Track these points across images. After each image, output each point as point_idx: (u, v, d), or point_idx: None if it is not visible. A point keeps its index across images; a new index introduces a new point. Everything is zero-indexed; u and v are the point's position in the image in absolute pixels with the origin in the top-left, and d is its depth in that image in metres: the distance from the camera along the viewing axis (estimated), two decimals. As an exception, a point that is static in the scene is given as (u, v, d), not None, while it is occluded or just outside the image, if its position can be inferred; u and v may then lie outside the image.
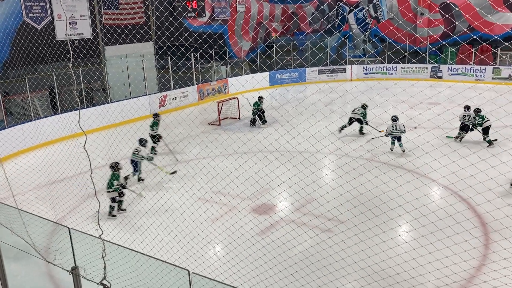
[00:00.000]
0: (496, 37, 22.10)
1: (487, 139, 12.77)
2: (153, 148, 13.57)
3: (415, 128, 12.41)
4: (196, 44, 20.63)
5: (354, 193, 8.46)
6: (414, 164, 9.82)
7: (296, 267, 6.56)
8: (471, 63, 24.00)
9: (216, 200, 9.26)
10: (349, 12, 28.45)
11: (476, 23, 23.87)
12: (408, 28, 26.19)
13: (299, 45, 27.10)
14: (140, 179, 11.34)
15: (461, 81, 23.32)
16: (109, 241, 4.77)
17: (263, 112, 16.55)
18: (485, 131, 12.84)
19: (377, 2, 27.39)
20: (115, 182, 9.17)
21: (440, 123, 14.00)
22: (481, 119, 12.91)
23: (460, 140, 13.15)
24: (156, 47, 21.00)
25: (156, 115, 13.97)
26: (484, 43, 22.40)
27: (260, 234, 7.95)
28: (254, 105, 16.48)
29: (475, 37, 22.04)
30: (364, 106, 14.48)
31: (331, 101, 18.58)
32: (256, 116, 16.45)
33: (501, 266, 6.03)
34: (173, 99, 19.83)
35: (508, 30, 23.06)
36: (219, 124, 16.81)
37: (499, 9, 23.80)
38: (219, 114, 16.85)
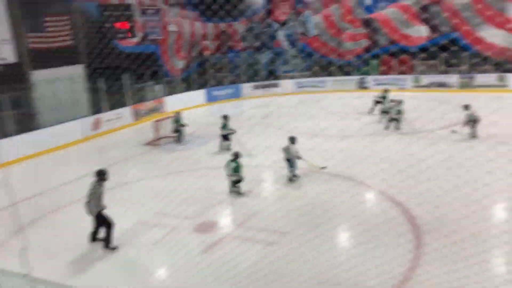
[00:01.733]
0: (414, 47, 23.72)
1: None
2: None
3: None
4: (128, 65, 20.37)
5: (296, 204, 8.69)
6: (350, 172, 10.28)
7: (245, 283, 6.57)
8: (392, 73, 25.61)
9: (156, 221, 8.98)
10: (278, 30, 29.35)
11: (397, 35, 25.54)
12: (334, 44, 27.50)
13: (232, 62, 27.56)
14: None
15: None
16: (37, 279, 4.57)
17: (183, 126, 16.39)
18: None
19: (304, 19, 28.49)
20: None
21: (369, 131, 14.83)
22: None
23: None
24: (87, 69, 20.47)
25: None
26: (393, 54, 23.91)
27: (205, 253, 7.98)
28: (174, 122, 16.38)
29: (395, 48, 23.54)
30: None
31: (267, 115, 19.09)
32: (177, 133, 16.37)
33: (433, 267, 6.47)
34: (107, 121, 19.38)
35: (424, 42, 24.85)
36: (157, 144, 16.65)
37: (414, 22, 25.59)
38: (156, 134, 16.70)
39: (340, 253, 7.24)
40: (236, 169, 9.97)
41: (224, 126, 14.60)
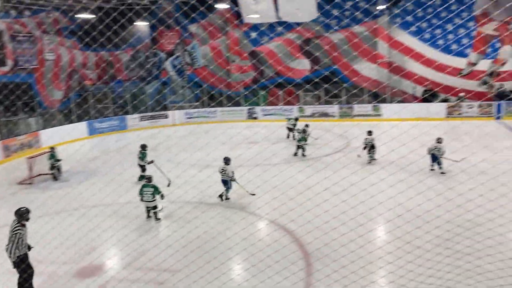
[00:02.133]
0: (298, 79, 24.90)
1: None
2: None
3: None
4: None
5: (188, 238, 8.23)
6: (241, 203, 10.09)
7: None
8: (280, 104, 26.54)
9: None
10: (166, 59, 28.96)
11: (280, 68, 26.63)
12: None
13: (117, 92, 26.36)
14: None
15: (274, 120, 25.49)
16: None
17: (59, 162, 15.14)
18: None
19: (192, 50, 28.50)
20: None
21: (260, 161, 14.92)
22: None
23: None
24: None
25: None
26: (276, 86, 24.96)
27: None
28: (49, 157, 15.03)
29: (280, 80, 24.40)
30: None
31: (155, 146, 18.35)
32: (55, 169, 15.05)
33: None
34: (-31, 158, 17.07)
35: (306, 74, 26.28)
36: (31, 183, 14.95)
37: (298, 55, 26.99)
38: (29, 171, 15.01)
39: (233, 287, 6.90)
40: (154, 193, 9.90)
41: (142, 156, 13.49)
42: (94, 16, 22.39)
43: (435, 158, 12.62)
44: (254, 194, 10.80)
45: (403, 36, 25.54)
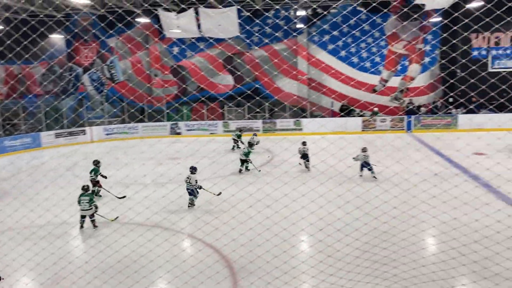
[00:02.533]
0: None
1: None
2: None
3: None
4: None
5: (110, 262, 7.83)
6: (169, 221, 9.80)
7: None
8: (204, 119, 26.43)
9: None
10: (83, 73, 27.77)
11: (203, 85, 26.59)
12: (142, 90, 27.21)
13: (29, 108, 24.74)
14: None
15: (198, 135, 25.31)
16: None
17: None
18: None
19: (111, 64, 27.60)
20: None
21: (180, 177, 14.68)
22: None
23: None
24: None
25: (97, 162, 12.99)
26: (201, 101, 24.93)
27: None
28: None
29: (204, 96, 24.35)
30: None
31: (73, 165, 17.40)
32: None
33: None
34: None
35: (230, 90, 26.49)
36: None
37: (221, 72, 27.14)
38: None
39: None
40: (90, 202, 10.19)
41: (95, 171, 12.83)
42: (2, 27, 20.96)
43: (364, 166, 13.74)
44: (220, 193, 11.12)
45: (321, 54, 26.68)
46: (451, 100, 24.97)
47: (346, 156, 13.27)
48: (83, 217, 10.36)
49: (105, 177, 12.75)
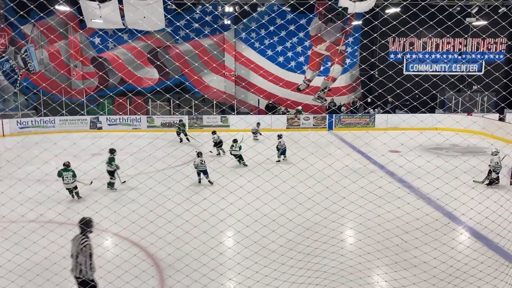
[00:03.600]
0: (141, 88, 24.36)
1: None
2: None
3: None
4: None
5: (29, 265, 7.32)
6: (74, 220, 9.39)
7: None
8: (126, 113, 25.58)
9: None
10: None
11: (129, 79, 25.74)
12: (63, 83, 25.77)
13: None
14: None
15: (121, 130, 24.45)
16: None
17: None
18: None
19: (25, 52, 25.81)
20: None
21: (104, 174, 14.15)
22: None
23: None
24: None
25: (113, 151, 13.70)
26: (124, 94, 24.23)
27: None
28: None
29: (126, 89, 23.62)
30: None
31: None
32: None
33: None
34: None
35: (153, 84, 25.90)
36: None
37: (145, 65, 26.45)
38: None
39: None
40: (73, 176, 11.99)
41: (110, 161, 13.40)
42: None
43: (282, 152, 16.48)
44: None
45: (247, 51, 26.95)
46: (369, 100, 26.39)
47: (272, 154, 13.56)
48: (69, 190, 12.03)
49: (118, 168, 13.45)
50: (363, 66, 26.37)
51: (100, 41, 26.66)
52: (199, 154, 13.66)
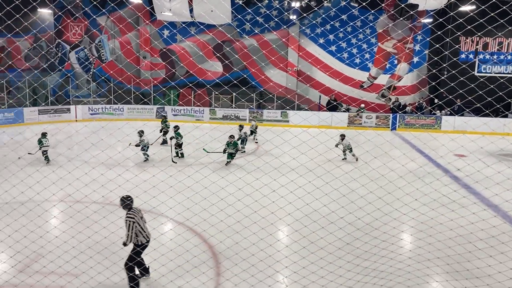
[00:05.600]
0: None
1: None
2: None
3: None
4: None
5: (89, 242, 7.84)
6: (150, 205, 9.83)
7: None
8: (190, 105, 26.33)
9: None
10: (71, 50, 27.36)
11: (192, 71, 26.46)
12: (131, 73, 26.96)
13: (14, 82, 24.32)
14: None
15: (185, 121, 25.23)
16: None
17: None
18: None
19: (99, 43, 27.25)
20: None
21: (170, 162, 14.72)
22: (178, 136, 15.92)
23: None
24: None
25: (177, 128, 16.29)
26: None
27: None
28: None
29: (192, 81, 24.27)
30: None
31: (57, 143, 17.21)
32: None
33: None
34: None
35: (219, 76, 26.39)
36: None
37: (210, 58, 27.05)
38: None
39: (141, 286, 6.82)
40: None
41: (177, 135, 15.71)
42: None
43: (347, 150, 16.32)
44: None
45: (312, 47, 26.75)
46: (436, 101, 25.33)
47: (327, 150, 13.44)
48: (46, 152, 14.65)
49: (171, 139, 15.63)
50: (431, 66, 25.35)
51: (168, 33, 27.58)
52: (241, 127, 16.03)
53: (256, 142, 19.63)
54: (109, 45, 27.33)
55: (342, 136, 16.31)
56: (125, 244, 6.83)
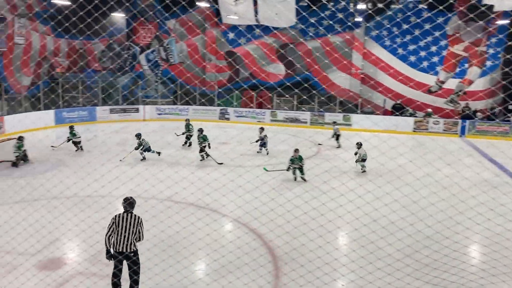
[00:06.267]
0: (272, 83, 25.05)
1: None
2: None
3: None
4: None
5: (148, 235, 8.13)
6: (204, 201, 10.03)
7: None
8: (252, 106, 26.59)
9: None
10: (140, 52, 28.55)
11: (255, 69, 26.70)
12: (196, 70, 27.67)
13: (88, 82, 25.75)
14: None
15: (246, 122, 25.54)
16: None
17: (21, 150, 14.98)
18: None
19: (168, 45, 28.21)
20: None
21: (227, 161, 14.93)
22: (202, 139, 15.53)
23: None
24: None
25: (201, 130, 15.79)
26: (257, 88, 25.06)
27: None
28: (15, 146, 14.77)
29: (255, 82, 24.48)
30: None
31: (124, 141, 18.04)
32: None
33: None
34: None
35: (281, 78, 26.42)
36: (-9, 169, 14.42)
37: (273, 58, 27.17)
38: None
39: (191, 284, 6.94)
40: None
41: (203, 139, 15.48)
42: (70, 3, 21.78)
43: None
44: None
45: (377, 49, 26.12)
46: (510, 107, 23.86)
47: (397, 156, 13.05)
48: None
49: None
50: (506, 69, 23.91)
51: (232, 36, 28.03)
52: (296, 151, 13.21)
53: (339, 147, 18.80)
54: (176, 47, 28.22)
55: (359, 145, 14.29)
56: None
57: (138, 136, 15.38)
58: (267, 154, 16.68)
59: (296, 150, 13.25)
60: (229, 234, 9.15)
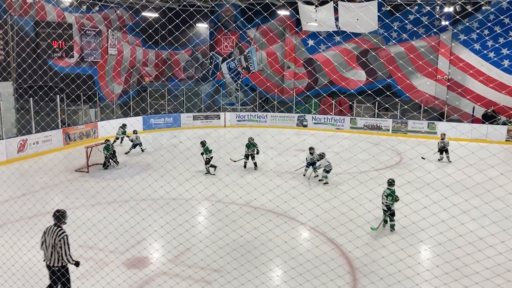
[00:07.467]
0: (352, 91, 24.66)
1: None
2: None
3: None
4: (62, 85, 19.34)
5: (227, 240, 8.39)
6: (282, 209, 10.13)
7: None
8: (331, 113, 26.32)
9: (81, 254, 8.14)
10: (222, 62, 29.50)
11: (335, 77, 26.45)
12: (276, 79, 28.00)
13: (173, 91, 27.09)
14: None
15: (324, 129, 25.31)
16: None
17: (114, 153, 16.23)
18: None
19: (248, 54, 28.87)
20: None
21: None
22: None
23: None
24: (15, 86, 19.18)
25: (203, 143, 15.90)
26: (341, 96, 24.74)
27: (132, 291, 7.36)
28: (104, 149, 16.03)
29: (334, 89, 24.26)
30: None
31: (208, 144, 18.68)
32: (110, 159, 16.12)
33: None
34: (34, 143, 18.07)
35: (361, 85, 25.90)
36: (87, 171, 15.68)
37: (354, 65, 26.74)
38: (87, 160, 15.74)
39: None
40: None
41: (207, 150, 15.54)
42: (157, 15, 23.10)
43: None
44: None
45: (466, 55, 24.70)
46: None
47: (487, 167, 12.25)
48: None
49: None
50: None
51: (312, 43, 28.02)
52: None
53: (450, 161, 17.20)
54: (257, 56, 28.80)
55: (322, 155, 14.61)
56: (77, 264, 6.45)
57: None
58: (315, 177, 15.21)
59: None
60: (307, 242, 9.15)
